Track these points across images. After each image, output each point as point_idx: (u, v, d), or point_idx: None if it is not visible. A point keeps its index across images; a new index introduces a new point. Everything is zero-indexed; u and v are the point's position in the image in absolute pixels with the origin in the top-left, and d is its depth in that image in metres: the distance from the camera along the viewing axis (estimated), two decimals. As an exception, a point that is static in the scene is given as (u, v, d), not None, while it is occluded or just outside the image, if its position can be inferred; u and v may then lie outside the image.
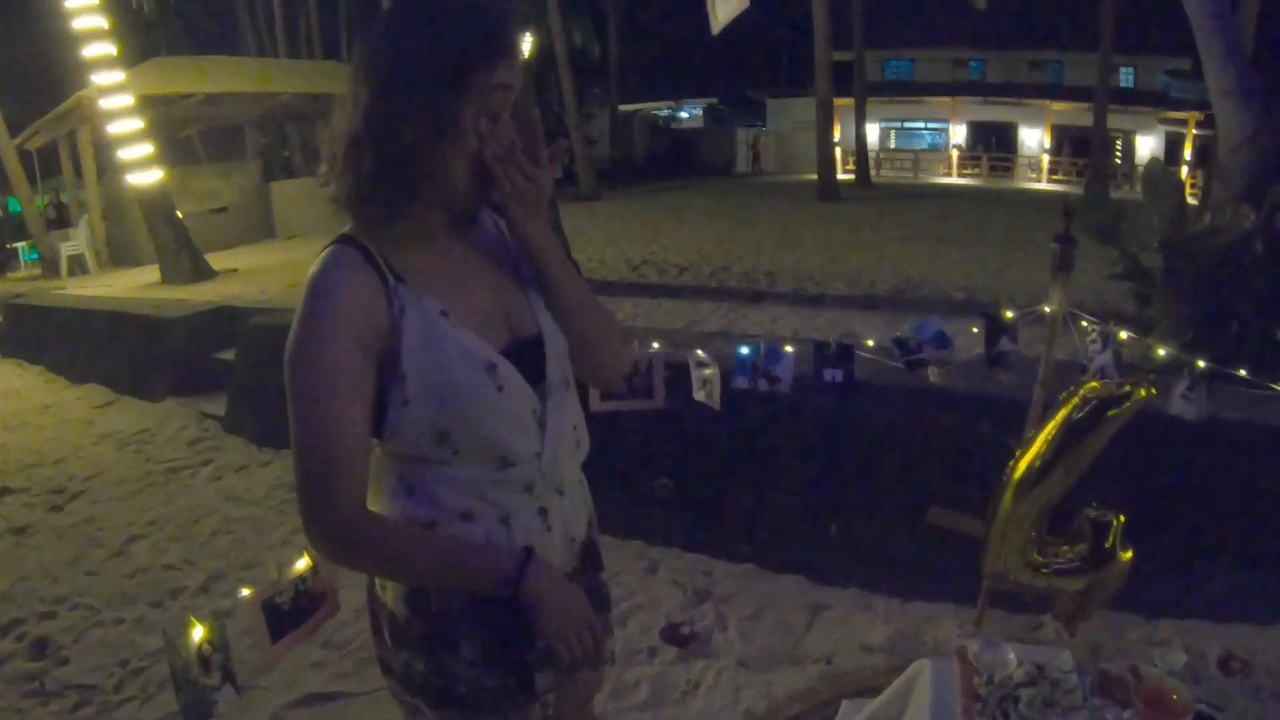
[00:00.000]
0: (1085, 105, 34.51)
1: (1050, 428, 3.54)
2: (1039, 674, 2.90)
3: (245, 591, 1.98)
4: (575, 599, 1.63)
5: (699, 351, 3.77)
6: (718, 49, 46.37)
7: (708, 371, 3.72)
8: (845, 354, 3.66)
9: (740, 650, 4.16)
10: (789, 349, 3.65)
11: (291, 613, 2.00)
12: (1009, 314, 3.67)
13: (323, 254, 1.57)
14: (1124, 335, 3.61)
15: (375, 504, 1.67)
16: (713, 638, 4.26)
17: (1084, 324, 3.65)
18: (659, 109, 44.18)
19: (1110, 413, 3.46)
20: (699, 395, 3.78)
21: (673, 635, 4.23)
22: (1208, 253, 6.89)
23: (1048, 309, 3.58)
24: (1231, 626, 4.53)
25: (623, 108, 35.60)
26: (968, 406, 4.85)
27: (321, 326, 1.50)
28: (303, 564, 2.04)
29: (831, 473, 5.17)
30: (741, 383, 3.70)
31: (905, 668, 3.94)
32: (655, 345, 3.68)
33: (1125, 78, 43.70)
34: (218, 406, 8.16)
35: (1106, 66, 30.44)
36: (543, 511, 1.72)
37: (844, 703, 3.64)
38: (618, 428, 4.94)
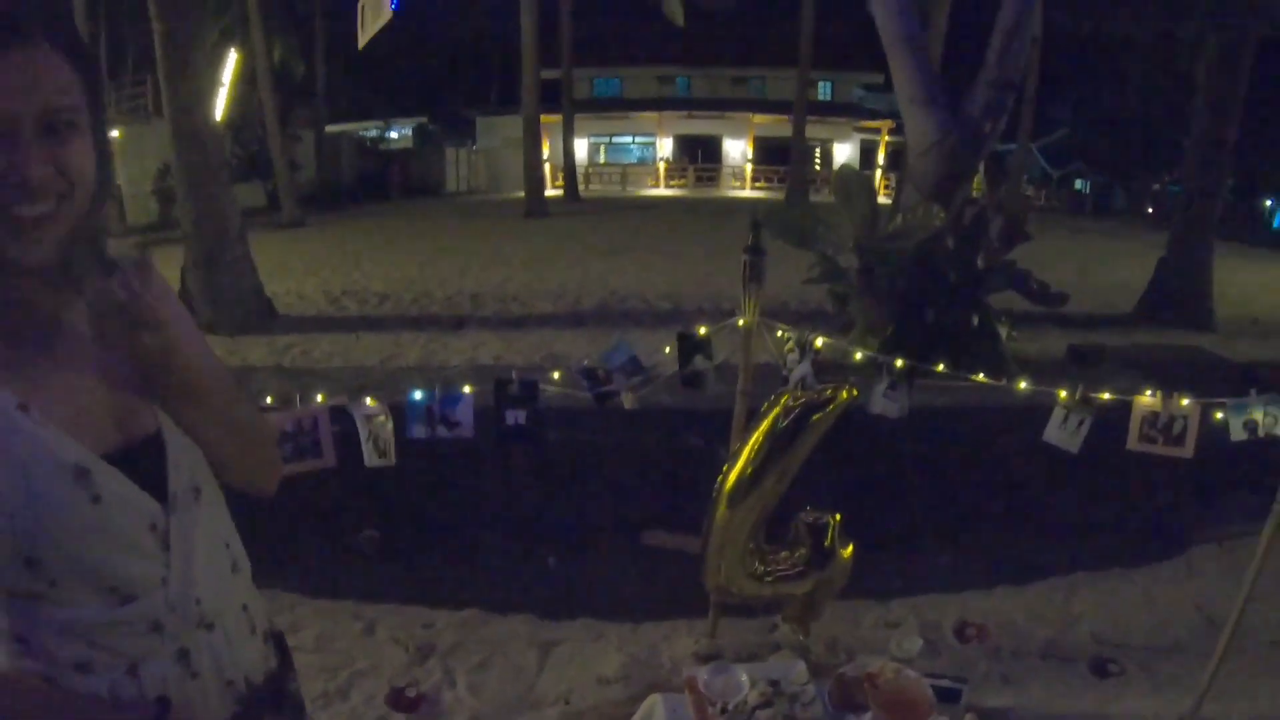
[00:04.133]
0: (785, 117, 36.67)
1: (756, 437, 3.48)
2: (774, 691, 2.81)
3: None
4: None
5: (368, 401, 3.32)
6: (428, 67, 45.63)
7: (379, 421, 3.30)
8: (528, 391, 3.39)
9: (471, 705, 3.86)
10: (467, 390, 3.33)
11: None
12: (702, 330, 3.57)
13: None
14: (820, 343, 3.59)
15: None
16: (442, 696, 3.93)
17: (780, 334, 3.61)
18: (368, 129, 42.90)
19: (815, 417, 3.45)
20: (371, 458, 3.36)
21: (398, 700, 3.87)
22: (901, 251, 7.29)
23: (740, 322, 3.53)
24: (961, 595, 4.73)
25: (330, 129, 34.13)
26: (675, 421, 4.81)
27: None
28: None
29: (544, 503, 4.98)
30: (418, 431, 3.34)
31: (644, 695, 3.80)
32: (320, 397, 3.24)
33: (823, 90, 47.01)
34: None
35: (804, 81, 32.56)
36: (183, 654, 1.35)
37: (586, 743, 3.45)
38: (305, 479, 4.54)
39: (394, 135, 44.84)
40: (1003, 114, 8.29)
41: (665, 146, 44.64)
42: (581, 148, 39.33)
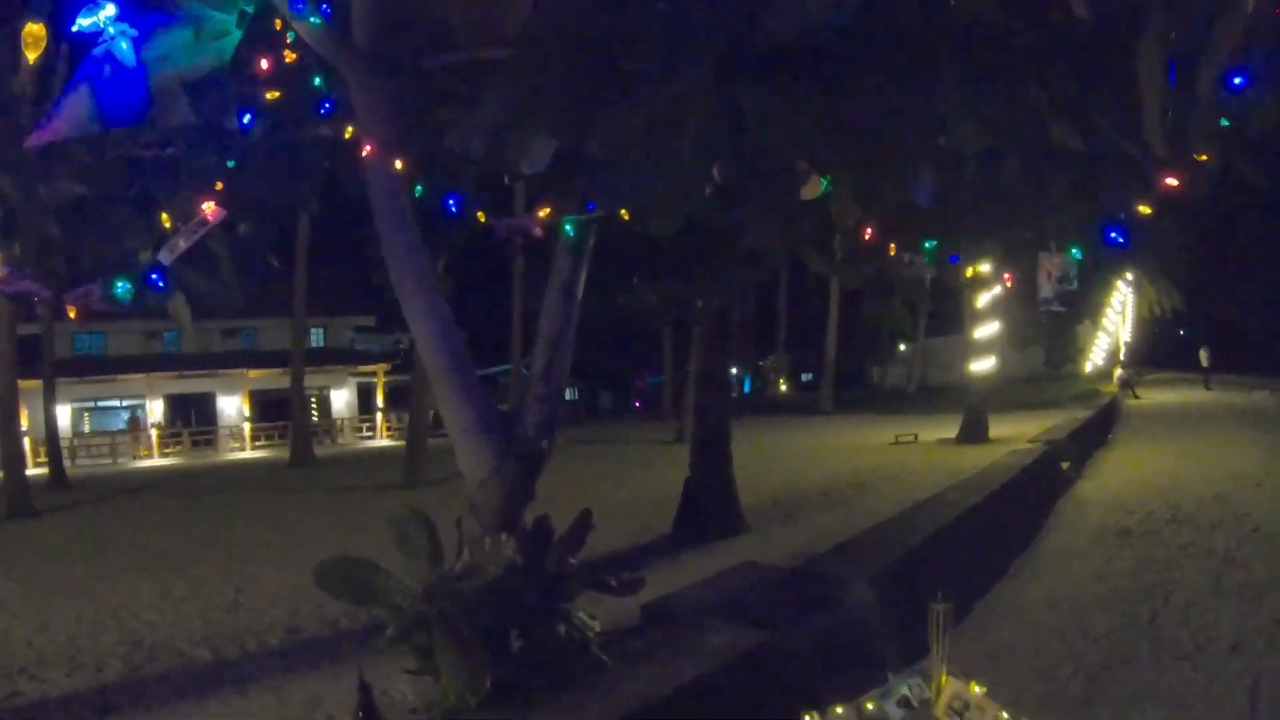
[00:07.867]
0: (280, 370, 35.77)
1: None
2: None
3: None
4: None
5: None
6: None
7: None
8: None
9: None
10: None
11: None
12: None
13: None
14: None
15: None
16: None
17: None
18: None
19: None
20: None
21: None
22: (475, 591, 6.77)
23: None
24: None
25: None
26: None
27: None
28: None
29: None
30: None
31: None
32: None
33: (316, 337, 46.83)
34: None
35: (303, 329, 31.86)
36: None
37: None
38: None
39: None
40: (556, 428, 8.26)
41: (156, 410, 41.40)
42: (63, 414, 35.27)
